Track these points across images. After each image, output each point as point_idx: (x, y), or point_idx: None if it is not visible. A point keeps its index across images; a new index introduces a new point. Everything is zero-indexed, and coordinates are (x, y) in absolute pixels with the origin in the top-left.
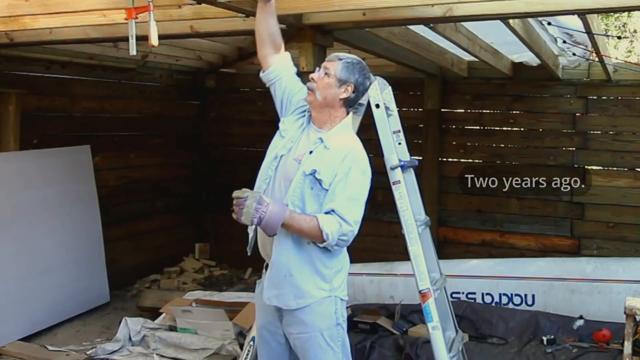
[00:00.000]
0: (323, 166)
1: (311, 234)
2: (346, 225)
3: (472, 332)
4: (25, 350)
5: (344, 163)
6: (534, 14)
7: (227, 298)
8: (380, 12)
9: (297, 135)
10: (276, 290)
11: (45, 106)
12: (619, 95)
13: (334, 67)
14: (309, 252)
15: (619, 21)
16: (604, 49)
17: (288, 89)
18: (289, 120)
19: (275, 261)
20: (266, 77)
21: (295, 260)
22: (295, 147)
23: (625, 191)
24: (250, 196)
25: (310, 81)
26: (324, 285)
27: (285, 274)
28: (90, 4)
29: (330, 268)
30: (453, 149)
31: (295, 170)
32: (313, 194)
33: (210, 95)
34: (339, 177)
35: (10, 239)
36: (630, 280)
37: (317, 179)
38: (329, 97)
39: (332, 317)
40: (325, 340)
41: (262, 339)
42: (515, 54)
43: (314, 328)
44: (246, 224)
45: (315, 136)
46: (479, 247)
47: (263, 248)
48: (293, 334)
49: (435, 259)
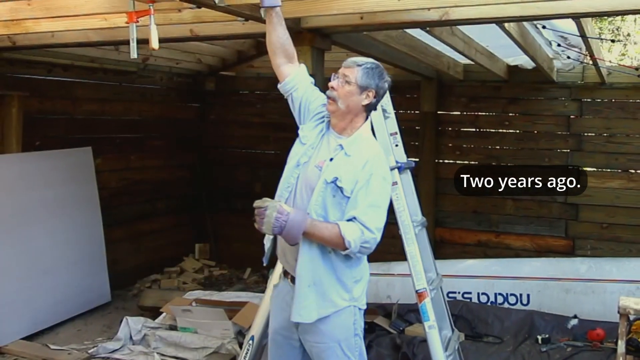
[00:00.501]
0: (344, 173)
1: (333, 241)
2: (368, 232)
3: (468, 331)
4: (28, 349)
5: (365, 170)
6: (528, 17)
7: (227, 298)
8: (377, 15)
9: (317, 141)
10: (300, 304)
11: (47, 108)
12: (612, 97)
13: (354, 74)
14: (331, 261)
15: (613, 25)
16: (598, 52)
17: (305, 97)
18: (308, 127)
19: (299, 272)
20: (283, 88)
21: (318, 270)
22: (315, 153)
23: (618, 192)
24: (271, 205)
25: (330, 90)
26: (345, 295)
27: (309, 284)
28: (92, 7)
29: (351, 278)
30: (449, 150)
31: (316, 178)
32: (335, 202)
33: (209, 97)
34: (360, 184)
35: (13, 240)
36: (623, 280)
37: (338, 186)
38: (351, 104)
39: (351, 327)
40: (343, 351)
41: (275, 342)
42: (511, 57)
43: (332, 338)
44: (267, 234)
45: (336, 142)
46: (475, 247)
47: (283, 256)
48: (310, 342)
49: (432, 259)
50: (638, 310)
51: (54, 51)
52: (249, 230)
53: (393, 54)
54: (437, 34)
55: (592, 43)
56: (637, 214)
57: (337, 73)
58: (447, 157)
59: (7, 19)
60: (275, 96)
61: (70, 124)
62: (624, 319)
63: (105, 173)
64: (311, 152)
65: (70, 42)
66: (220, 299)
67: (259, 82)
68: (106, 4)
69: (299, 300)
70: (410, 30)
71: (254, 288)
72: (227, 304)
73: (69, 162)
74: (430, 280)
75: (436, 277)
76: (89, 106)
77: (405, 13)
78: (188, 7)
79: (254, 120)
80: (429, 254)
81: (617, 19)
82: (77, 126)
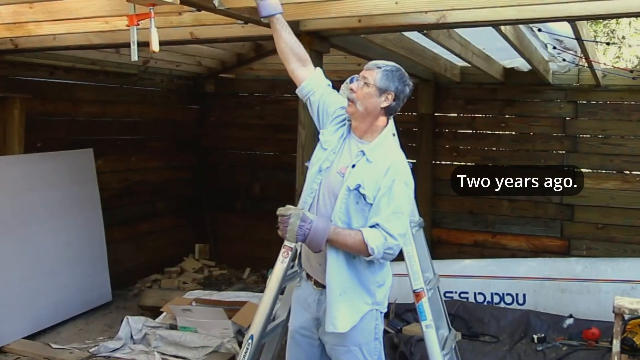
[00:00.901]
0: (366, 180)
1: (356, 248)
2: (391, 239)
3: (465, 331)
4: (30, 348)
5: (387, 176)
6: (525, 20)
7: (226, 297)
8: (375, 19)
9: (339, 146)
10: (334, 314)
11: (49, 110)
12: (607, 99)
13: (373, 76)
14: (356, 268)
15: (608, 28)
16: (593, 55)
17: (322, 101)
18: (328, 132)
19: (329, 282)
20: (300, 92)
21: (347, 278)
22: (338, 158)
23: (613, 193)
24: (294, 214)
25: (350, 92)
26: (368, 299)
27: (340, 293)
28: (93, 11)
29: (375, 282)
30: (446, 152)
31: (339, 185)
32: (358, 209)
33: (209, 99)
34: (382, 190)
35: (15, 240)
36: (618, 280)
37: (361, 193)
38: (370, 107)
39: (372, 332)
40: (363, 355)
41: (294, 341)
42: (507, 60)
43: (353, 342)
44: (291, 242)
45: (357, 148)
46: (472, 247)
47: (307, 260)
48: (330, 344)
49: (429, 259)
50: (633, 310)
51: (55, 54)
52: (249, 230)
53: (391, 57)
54: (434, 37)
55: (587, 46)
56: (631, 214)
57: (358, 75)
58: (444, 159)
59: (9, 22)
60: (275, 98)
61: (71, 126)
62: (619, 318)
63: (106, 174)
64: (333, 157)
65: (72, 45)
66: (219, 298)
67: (258, 85)
68: (107, 7)
69: (332, 310)
70: (407, 33)
71: (253, 288)
72: (226, 304)
73: (71, 164)
74: (428, 280)
75: (433, 277)
76: (90, 108)
77: (402, 16)
78: (188, 10)
79: (253, 122)
80: (426, 254)
81: (612, 21)
82: (79, 128)
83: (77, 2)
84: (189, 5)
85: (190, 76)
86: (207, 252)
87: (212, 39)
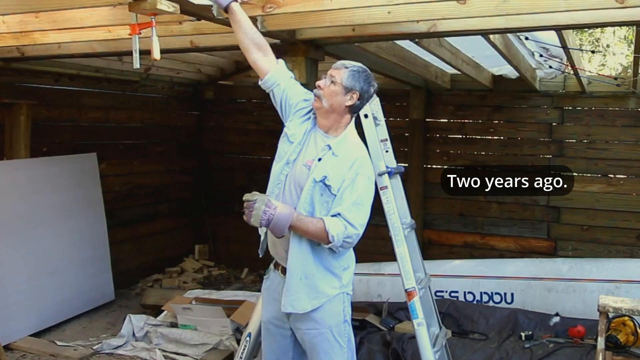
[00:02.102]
0: (332, 172)
1: (317, 235)
2: (351, 228)
3: (455, 328)
4: (35, 345)
5: (351, 169)
6: (512, 29)
7: (225, 296)
8: (368, 27)
9: (304, 139)
10: (292, 296)
11: (54, 116)
12: (592, 106)
13: (340, 75)
14: (319, 254)
15: (593, 36)
16: (579, 63)
17: (286, 93)
18: (294, 125)
19: (290, 266)
20: (265, 84)
21: (309, 263)
22: (304, 151)
23: (598, 196)
24: (259, 199)
25: (317, 88)
26: (335, 283)
27: (300, 277)
28: (97, 20)
29: (339, 267)
30: (437, 156)
31: (305, 177)
32: (322, 200)
33: (209, 105)
34: (346, 182)
35: (21, 241)
36: (603, 279)
37: (326, 185)
38: (335, 104)
39: (341, 314)
40: (334, 336)
41: (267, 332)
42: (495, 67)
43: (323, 325)
44: (255, 226)
45: (323, 142)
46: (461, 248)
47: (273, 247)
48: (302, 329)
49: (420, 259)
50: (617, 309)
51: (60, 61)
52: (247, 231)
53: (383, 64)
54: (425, 45)
55: (573, 54)
56: (615, 216)
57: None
58: (435, 163)
59: (16, 31)
60: (271, 104)
61: (76, 131)
62: (604, 316)
63: (109, 177)
64: (299, 149)
65: (76, 53)
66: (218, 297)
67: (256, 91)
68: (110, 16)
69: (290, 292)
70: (399, 41)
71: (250, 287)
72: (225, 303)
73: (75, 167)
74: (419, 280)
75: (424, 277)
76: (94, 114)
77: (395, 25)
78: (188, 20)
79: (250, 128)
80: (418, 255)
81: (597, 30)
82: (83, 133)
83: (81, 12)
84: (189, 14)
85: (190, 83)
86: (207, 252)
87: (211, 47)
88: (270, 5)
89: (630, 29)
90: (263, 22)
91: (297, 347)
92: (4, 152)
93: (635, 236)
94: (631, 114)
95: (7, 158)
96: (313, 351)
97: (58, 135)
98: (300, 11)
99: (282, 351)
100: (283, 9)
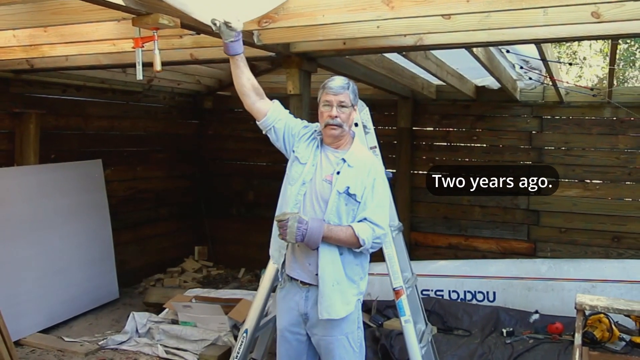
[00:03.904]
0: (353, 182)
1: (349, 241)
2: (379, 229)
3: (440, 325)
4: (44, 341)
5: (369, 176)
6: (495, 43)
7: (223, 295)
8: (358, 41)
9: (316, 159)
10: (327, 303)
11: (61, 125)
12: (570, 115)
13: (348, 97)
14: (345, 263)
15: (570, 49)
16: (557, 74)
17: (288, 125)
18: (301, 148)
19: (323, 274)
20: (265, 122)
21: (339, 270)
22: (318, 170)
23: (575, 200)
24: (291, 217)
25: (334, 119)
26: (355, 290)
27: (333, 284)
28: (102, 34)
29: (360, 275)
30: (423, 162)
31: (328, 191)
32: (348, 209)
33: (208, 115)
34: (367, 189)
35: (31, 243)
36: (580, 279)
37: (350, 194)
38: (350, 122)
39: (356, 321)
40: (350, 343)
41: (283, 339)
42: (478, 79)
43: (341, 332)
44: (291, 242)
45: (336, 157)
46: (446, 249)
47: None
48: (318, 335)
49: (408, 260)
50: (593, 306)
51: (67, 73)
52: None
53: (373, 76)
54: (412, 58)
55: (552, 66)
56: (592, 219)
57: (327, 101)
58: (422, 169)
59: (25, 44)
60: None
61: (82, 139)
62: (580, 314)
63: (114, 183)
64: (313, 169)
65: (83, 65)
66: (217, 296)
67: None
68: (115, 30)
69: (325, 299)
70: (388, 54)
71: (247, 286)
72: (223, 301)
73: (81, 173)
74: (406, 279)
75: (411, 277)
76: (99, 123)
77: (383, 39)
78: (188, 34)
79: (247, 135)
80: (405, 256)
81: (575, 44)
82: (89, 141)
83: (87, 26)
84: (189, 29)
85: (190, 93)
86: (206, 253)
87: (210, 59)
88: (266, 20)
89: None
90: (259, 36)
91: (311, 350)
92: (14, 158)
93: (610, 238)
94: (606, 122)
95: (18, 164)
96: (328, 355)
97: (65, 142)
98: (294, 26)
99: (297, 355)
100: (278, 23)
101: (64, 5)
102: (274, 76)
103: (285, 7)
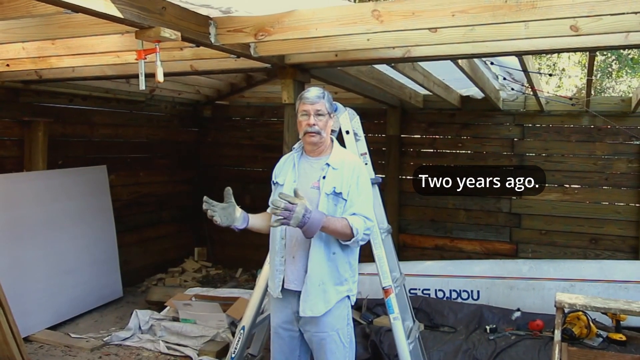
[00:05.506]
0: (338, 182)
1: (343, 231)
2: (368, 221)
3: (427, 322)
4: (52, 337)
5: (353, 175)
6: (479, 55)
7: (222, 293)
8: (349, 53)
9: (296, 174)
10: (310, 302)
11: (68, 132)
12: (550, 123)
13: (324, 106)
14: (335, 262)
15: (550, 61)
16: (537, 85)
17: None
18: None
19: (310, 274)
20: None
21: (326, 271)
22: (304, 180)
23: (555, 204)
24: (300, 204)
25: (312, 126)
26: (343, 288)
27: (319, 284)
28: (107, 46)
29: (350, 273)
30: (411, 168)
31: (317, 196)
32: (337, 209)
33: (207, 123)
34: (352, 186)
35: (40, 244)
36: (559, 278)
37: (337, 193)
38: (328, 129)
39: (345, 318)
40: (340, 338)
41: (277, 336)
42: (463, 89)
43: (332, 328)
44: (292, 226)
45: (319, 164)
46: (433, 250)
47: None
48: (311, 332)
49: (396, 260)
50: (572, 304)
51: (74, 83)
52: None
53: (363, 86)
54: (400, 69)
55: (533, 77)
56: (570, 222)
57: (305, 110)
58: (409, 174)
59: (34, 56)
60: (263, 122)
61: (88, 146)
62: (560, 311)
63: (118, 187)
64: (293, 179)
65: (88, 76)
66: (216, 294)
67: (249, 110)
68: (119, 43)
69: (309, 297)
70: (377, 65)
71: (244, 285)
72: (221, 299)
73: (87, 178)
74: (395, 279)
75: (400, 276)
76: (104, 130)
77: (373, 51)
78: (188, 46)
79: (244, 143)
80: (394, 256)
81: (554, 56)
82: (94, 148)
83: (93, 39)
84: (189, 41)
85: (191, 103)
86: (205, 254)
87: (209, 70)
88: (262, 33)
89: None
90: (255, 48)
91: (304, 345)
92: (24, 164)
93: (588, 240)
94: (585, 130)
95: (27, 170)
96: (320, 351)
97: (72, 149)
98: (288, 38)
99: (290, 350)
100: (273, 36)
101: (70, 20)
102: (270, 86)
103: (280, 20)
